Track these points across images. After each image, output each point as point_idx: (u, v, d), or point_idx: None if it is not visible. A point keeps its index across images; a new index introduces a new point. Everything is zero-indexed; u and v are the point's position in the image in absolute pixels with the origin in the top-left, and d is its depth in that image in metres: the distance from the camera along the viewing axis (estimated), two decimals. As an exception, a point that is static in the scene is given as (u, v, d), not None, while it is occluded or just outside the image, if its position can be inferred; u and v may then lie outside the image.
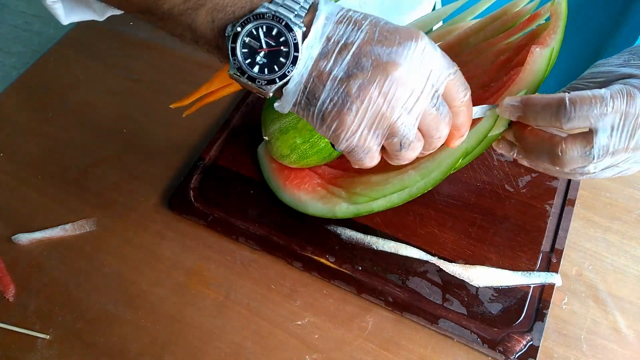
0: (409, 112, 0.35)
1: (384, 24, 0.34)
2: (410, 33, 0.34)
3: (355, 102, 0.34)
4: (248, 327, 0.51)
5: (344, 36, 0.34)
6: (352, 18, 0.34)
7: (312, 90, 0.35)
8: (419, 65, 0.34)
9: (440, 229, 0.55)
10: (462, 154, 0.46)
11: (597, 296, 0.52)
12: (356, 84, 0.34)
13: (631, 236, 0.55)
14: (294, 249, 0.55)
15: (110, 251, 0.57)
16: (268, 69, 0.35)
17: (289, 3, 0.34)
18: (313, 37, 0.34)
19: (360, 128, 0.35)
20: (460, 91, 0.37)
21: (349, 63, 0.34)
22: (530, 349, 0.48)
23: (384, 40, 0.33)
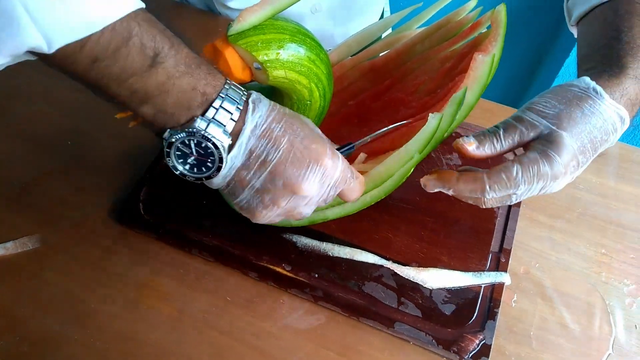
0: (307, 208, 0.44)
1: (299, 142, 0.40)
2: (318, 156, 0.41)
3: (266, 208, 0.42)
4: (204, 342, 0.50)
5: (264, 152, 0.40)
6: (274, 134, 0.40)
7: (233, 190, 0.42)
8: (320, 184, 0.42)
9: (394, 233, 0.56)
10: (414, 163, 0.47)
11: (545, 293, 0.54)
12: (269, 196, 0.41)
13: (574, 234, 0.57)
14: (249, 259, 0.54)
15: (56, 269, 0.55)
16: (197, 168, 0.41)
17: (219, 119, 0.39)
18: (237, 150, 0.39)
19: (268, 220, 0.44)
20: (350, 197, 0.46)
21: (266, 178, 0.40)
22: (483, 347, 0.49)
23: (296, 163, 0.40)
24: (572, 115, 0.44)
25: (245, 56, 0.44)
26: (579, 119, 0.44)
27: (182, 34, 0.40)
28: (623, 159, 0.64)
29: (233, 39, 0.43)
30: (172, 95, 0.38)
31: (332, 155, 0.42)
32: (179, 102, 0.38)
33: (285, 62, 0.45)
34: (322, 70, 0.48)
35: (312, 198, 0.42)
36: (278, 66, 0.44)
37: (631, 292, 0.54)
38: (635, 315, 0.52)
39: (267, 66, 0.44)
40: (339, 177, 0.42)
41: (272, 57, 0.44)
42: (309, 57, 0.46)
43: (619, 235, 0.57)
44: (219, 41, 0.44)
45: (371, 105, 0.58)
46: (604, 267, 0.55)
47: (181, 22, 0.79)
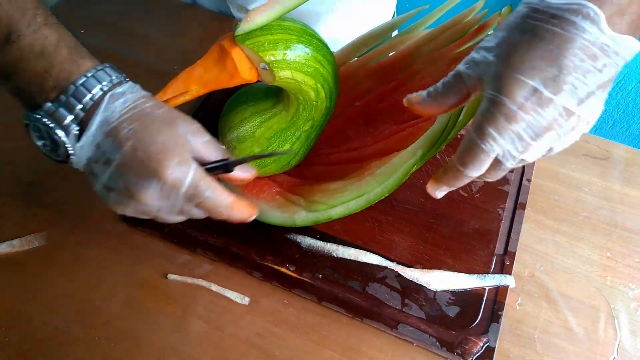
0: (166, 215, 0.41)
1: (143, 150, 0.38)
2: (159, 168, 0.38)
3: (115, 204, 0.41)
4: (207, 341, 0.50)
5: (108, 151, 0.39)
6: (120, 134, 0.38)
7: (90, 177, 0.41)
8: (159, 195, 0.39)
9: (398, 235, 0.56)
10: (417, 161, 0.47)
11: (549, 296, 0.53)
12: (114, 194, 0.40)
13: (579, 237, 0.57)
14: (253, 258, 0.54)
15: (61, 267, 0.55)
16: (51, 149, 0.41)
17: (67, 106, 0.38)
18: (84, 141, 0.39)
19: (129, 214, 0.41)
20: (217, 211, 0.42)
21: (110, 176, 0.39)
22: (487, 350, 0.49)
23: (134, 170, 0.38)
24: (514, 41, 0.35)
25: (252, 56, 0.44)
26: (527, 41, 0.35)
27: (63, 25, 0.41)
28: (628, 163, 0.63)
29: (240, 39, 0.43)
30: (25, 76, 0.38)
31: (179, 167, 0.38)
32: (31, 83, 0.39)
33: (291, 62, 0.45)
34: (329, 70, 0.48)
35: (159, 207, 0.40)
36: (285, 67, 0.44)
37: (636, 296, 0.53)
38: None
39: (274, 67, 0.44)
40: (186, 189, 0.39)
41: (278, 57, 0.44)
42: (315, 58, 0.46)
43: (624, 239, 0.57)
44: (226, 41, 0.44)
45: (377, 106, 0.58)
46: (609, 271, 0.55)
47: (192, 24, 0.79)
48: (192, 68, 0.46)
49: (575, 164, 0.63)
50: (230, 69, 0.44)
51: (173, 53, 0.75)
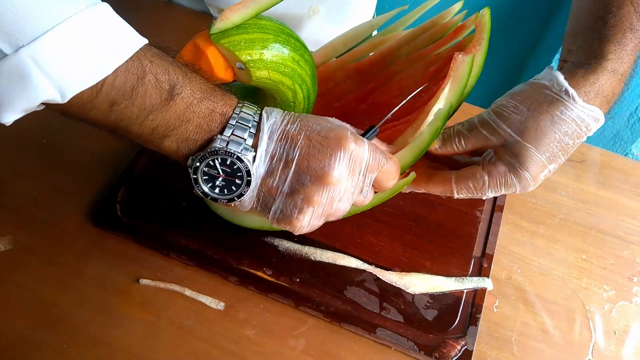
0: (344, 202, 0.42)
1: (316, 134, 0.39)
2: (339, 142, 0.39)
3: (301, 211, 0.40)
4: (182, 347, 0.49)
5: (284, 153, 0.39)
6: (290, 133, 0.39)
7: (264, 202, 0.41)
8: (349, 170, 0.40)
9: (377, 238, 0.56)
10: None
11: (526, 298, 0.54)
12: (300, 198, 0.40)
13: (555, 239, 0.58)
14: (229, 263, 0.53)
15: (29, 271, 0.53)
16: (227, 189, 0.40)
17: (238, 134, 0.39)
18: (259, 159, 0.39)
19: (307, 224, 0.42)
20: (390, 179, 0.43)
21: (292, 179, 0.39)
22: (464, 353, 0.49)
23: (317, 154, 0.39)
24: (540, 124, 0.43)
25: (228, 56, 0.43)
26: (548, 128, 0.43)
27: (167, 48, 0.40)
28: (604, 166, 0.64)
29: (215, 38, 0.42)
30: (193, 123, 0.38)
31: (355, 139, 0.40)
32: (199, 127, 0.39)
33: (268, 62, 0.44)
34: (307, 71, 0.47)
35: (345, 189, 0.40)
36: (261, 66, 0.43)
37: (610, 298, 0.54)
38: (614, 321, 0.53)
39: (250, 66, 0.43)
40: (368, 159, 0.40)
41: (255, 57, 0.43)
42: (293, 58, 0.45)
43: (599, 241, 0.58)
44: (201, 40, 0.43)
45: (356, 108, 0.57)
46: (584, 273, 0.56)
47: (167, 22, 0.77)
48: (166, 67, 0.44)
49: (551, 166, 0.64)
50: (205, 68, 0.43)
51: (148, 51, 0.73)
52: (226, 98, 0.40)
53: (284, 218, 0.41)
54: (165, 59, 0.38)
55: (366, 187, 0.42)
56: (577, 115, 0.43)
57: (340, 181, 0.39)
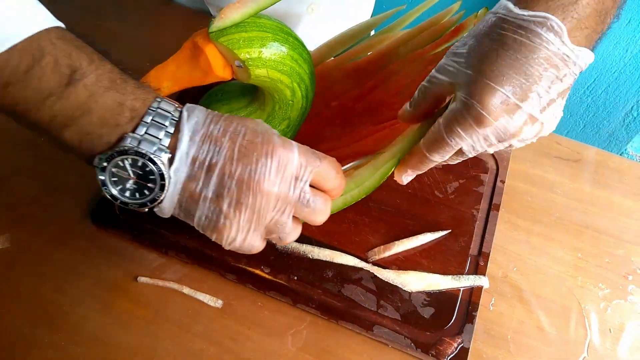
0: (280, 213, 0.38)
1: (241, 139, 0.37)
2: (265, 148, 0.36)
3: (228, 217, 0.37)
4: (180, 345, 0.49)
5: (208, 156, 0.36)
6: (213, 135, 0.36)
7: (187, 208, 0.38)
8: (278, 176, 0.37)
9: (374, 236, 0.56)
10: (394, 163, 0.47)
11: (522, 297, 0.54)
12: (225, 202, 0.36)
13: (551, 238, 0.58)
14: (227, 260, 0.53)
15: (27, 269, 0.53)
16: (139, 193, 0.37)
17: (152, 132, 0.35)
18: (179, 161, 0.36)
19: (238, 236, 0.38)
20: (329, 177, 0.40)
21: (216, 184, 0.36)
22: (461, 351, 0.49)
23: (243, 159, 0.36)
24: (482, 48, 0.37)
25: (227, 54, 0.43)
26: (496, 50, 0.36)
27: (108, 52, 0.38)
28: (599, 165, 0.65)
29: (214, 36, 0.42)
30: (95, 114, 0.35)
31: (282, 143, 0.37)
32: (104, 120, 0.35)
33: (267, 60, 0.44)
34: (305, 69, 0.47)
35: (277, 197, 0.37)
36: (260, 65, 0.44)
37: (606, 296, 0.54)
38: (609, 319, 0.53)
39: (249, 64, 0.43)
40: (298, 162, 0.37)
41: (254, 55, 0.43)
42: (291, 56, 0.45)
43: (595, 240, 0.58)
44: (200, 38, 0.43)
45: (354, 106, 0.57)
46: (580, 271, 0.56)
47: (165, 19, 0.77)
48: (165, 65, 0.44)
49: (547, 165, 0.64)
50: (203, 66, 0.43)
51: (145, 49, 0.73)
52: (140, 92, 0.36)
53: (209, 225, 0.38)
54: (71, 43, 0.35)
55: (305, 193, 0.38)
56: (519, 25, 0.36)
57: (268, 187, 0.36)
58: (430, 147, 0.41)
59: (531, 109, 0.37)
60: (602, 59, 1.11)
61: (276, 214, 0.38)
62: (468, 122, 0.38)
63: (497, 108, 0.36)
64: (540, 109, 0.37)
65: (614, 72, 1.13)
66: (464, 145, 0.39)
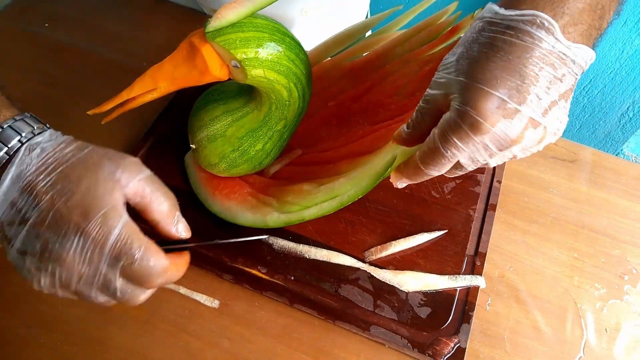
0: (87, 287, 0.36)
1: (64, 202, 0.35)
2: (81, 222, 0.34)
3: (30, 273, 0.36)
4: (175, 345, 0.49)
5: (24, 209, 0.35)
6: (37, 188, 0.35)
7: (2, 243, 0.36)
8: (80, 254, 0.35)
9: (371, 236, 0.56)
10: (389, 164, 0.47)
11: (518, 296, 0.54)
12: (30, 260, 0.35)
13: (547, 238, 0.58)
14: (224, 260, 0.53)
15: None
16: None
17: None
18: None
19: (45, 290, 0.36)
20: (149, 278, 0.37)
21: (23, 240, 0.35)
22: (457, 351, 0.49)
23: (54, 226, 0.34)
24: (470, 53, 0.36)
25: (223, 54, 0.43)
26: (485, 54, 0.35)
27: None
28: (595, 165, 0.65)
29: (211, 36, 0.42)
30: None
31: (102, 223, 0.35)
32: None
33: (264, 60, 0.44)
34: (302, 70, 0.47)
35: (80, 274, 0.35)
36: (257, 65, 0.44)
37: (602, 296, 0.55)
38: (605, 318, 0.53)
39: (246, 65, 0.43)
40: (109, 249, 0.35)
41: (250, 55, 0.43)
42: (288, 57, 0.45)
43: (591, 240, 0.58)
44: (196, 38, 0.43)
45: (350, 107, 0.58)
46: (576, 271, 0.56)
47: (161, 19, 0.77)
48: (161, 64, 0.44)
49: (543, 166, 0.64)
50: (200, 66, 0.43)
51: (142, 49, 0.73)
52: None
53: (17, 268, 0.36)
54: None
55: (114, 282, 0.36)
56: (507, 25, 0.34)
57: (70, 262, 0.35)
58: (425, 159, 0.39)
59: (531, 112, 0.34)
60: (598, 60, 1.11)
61: (82, 287, 0.36)
62: (464, 131, 0.35)
63: (494, 113, 0.34)
64: (542, 112, 0.35)
65: (609, 72, 1.13)
66: (462, 157, 0.37)
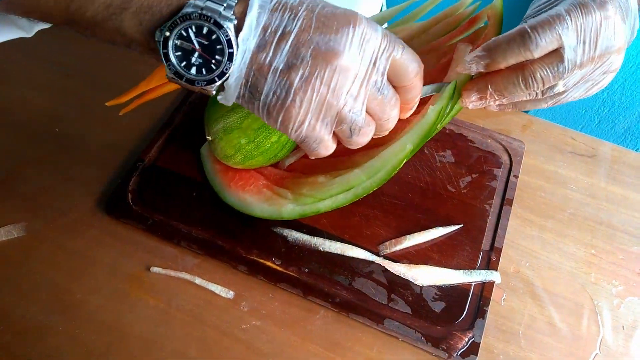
0: (354, 98, 0.35)
1: (320, 9, 0.34)
2: (348, 18, 0.33)
3: (298, 93, 0.34)
4: (191, 334, 0.50)
5: (281, 25, 0.33)
6: (288, 4, 0.33)
7: (254, 84, 0.34)
8: (359, 50, 0.34)
9: (386, 230, 0.56)
10: (406, 155, 0.47)
11: (534, 292, 0.54)
12: (297, 75, 0.33)
13: (564, 234, 0.58)
14: (239, 252, 0.54)
15: (42, 258, 0.54)
16: (205, 68, 0.34)
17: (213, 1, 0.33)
18: (248, 29, 0.33)
19: (307, 119, 0.35)
20: (408, 70, 0.37)
21: (289, 54, 0.33)
22: (472, 345, 0.49)
23: (322, 27, 0.33)
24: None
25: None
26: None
27: None
28: (614, 161, 0.64)
29: None
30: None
31: (366, 19, 0.34)
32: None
33: None
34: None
35: (355, 76, 0.34)
36: None
37: (619, 293, 0.54)
38: (622, 316, 0.53)
39: None
40: (381, 41, 0.34)
41: None
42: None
43: (609, 237, 0.58)
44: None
45: (366, 100, 0.57)
46: (593, 268, 0.55)
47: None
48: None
49: (561, 161, 0.64)
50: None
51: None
52: None
53: (277, 103, 0.34)
54: None
55: (381, 78, 0.35)
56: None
57: (347, 61, 0.33)
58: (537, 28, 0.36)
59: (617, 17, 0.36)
60: (619, 54, 1.09)
61: (350, 99, 0.35)
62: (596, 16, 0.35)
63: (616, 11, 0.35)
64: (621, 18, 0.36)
65: (630, 67, 1.11)
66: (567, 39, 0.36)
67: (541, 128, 0.66)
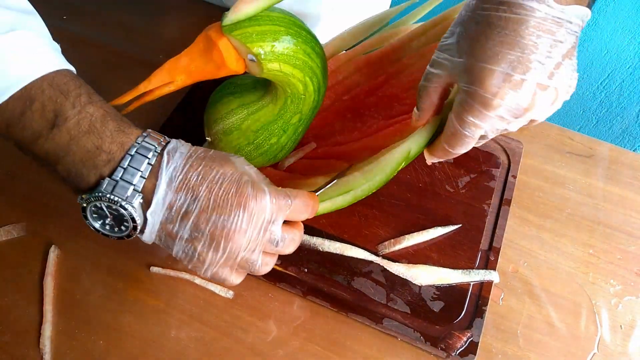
0: (251, 252, 0.41)
1: (217, 188, 0.39)
2: (240, 199, 0.39)
3: (202, 254, 0.40)
4: (191, 334, 0.50)
5: (184, 205, 0.39)
6: (191, 184, 0.39)
7: (166, 243, 0.41)
8: (250, 225, 0.39)
9: (385, 229, 0.56)
10: (404, 159, 0.47)
11: (532, 292, 0.54)
12: (200, 243, 0.39)
13: (562, 234, 0.58)
14: (238, 252, 0.54)
15: (41, 258, 0.54)
16: (117, 227, 0.40)
17: (127, 178, 0.38)
18: (155, 205, 0.39)
19: (211, 269, 0.41)
20: (301, 213, 0.43)
21: (191, 228, 0.39)
22: (470, 345, 0.49)
23: (217, 209, 0.39)
24: (471, 34, 0.38)
25: (240, 47, 0.43)
26: (483, 31, 0.37)
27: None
28: (612, 161, 0.64)
29: (227, 30, 0.42)
30: (77, 156, 0.38)
31: (254, 194, 0.39)
32: (83, 162, 0.38)
33: (280, 54, 0.44)
34: (317, 63, 0.47)
35: (250, 240, 0.40)
36: (273, 59, 0.44)
37: (617, 293, 0.54)
38: (620, 315, 0.53)
39: (262, 59, 0.43)
40: (270, 210, 0.40)
41: (267, 49, 0.43)
42: (304, 50, 0.45)
43: (607, 236, 0.58)
44: (213, 31, 0.43)
45: (365, 100, 0.58)
46: (591, 267, 0.56)
47: (178, 13, 0.78)
48: (178, 58, 0.45)
49: (559, 161, 0.64)
50: (216, 59, 0.43)
51: (158, 42, 0.73)
52: (118, 134, 0.39)
53: (185, 258, 0.41)
54: (59, 88, 0.38)
55: (274, 235, 0.41)
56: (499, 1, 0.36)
57: (238, 236, 0.39)
58: (450, 142, 0.43)
59: (537, 78, 0.37)
60: (616, 54, 1.09)
61: (247, 254, 0.41)
62: (477, 109, 0.38)
63: (501, 87, 0.37)
64: (548, 75, 0.37)
65: (628, 67, 1.11)
66: (482, 132, 0.40)
67: (539, 128, 0.67)
